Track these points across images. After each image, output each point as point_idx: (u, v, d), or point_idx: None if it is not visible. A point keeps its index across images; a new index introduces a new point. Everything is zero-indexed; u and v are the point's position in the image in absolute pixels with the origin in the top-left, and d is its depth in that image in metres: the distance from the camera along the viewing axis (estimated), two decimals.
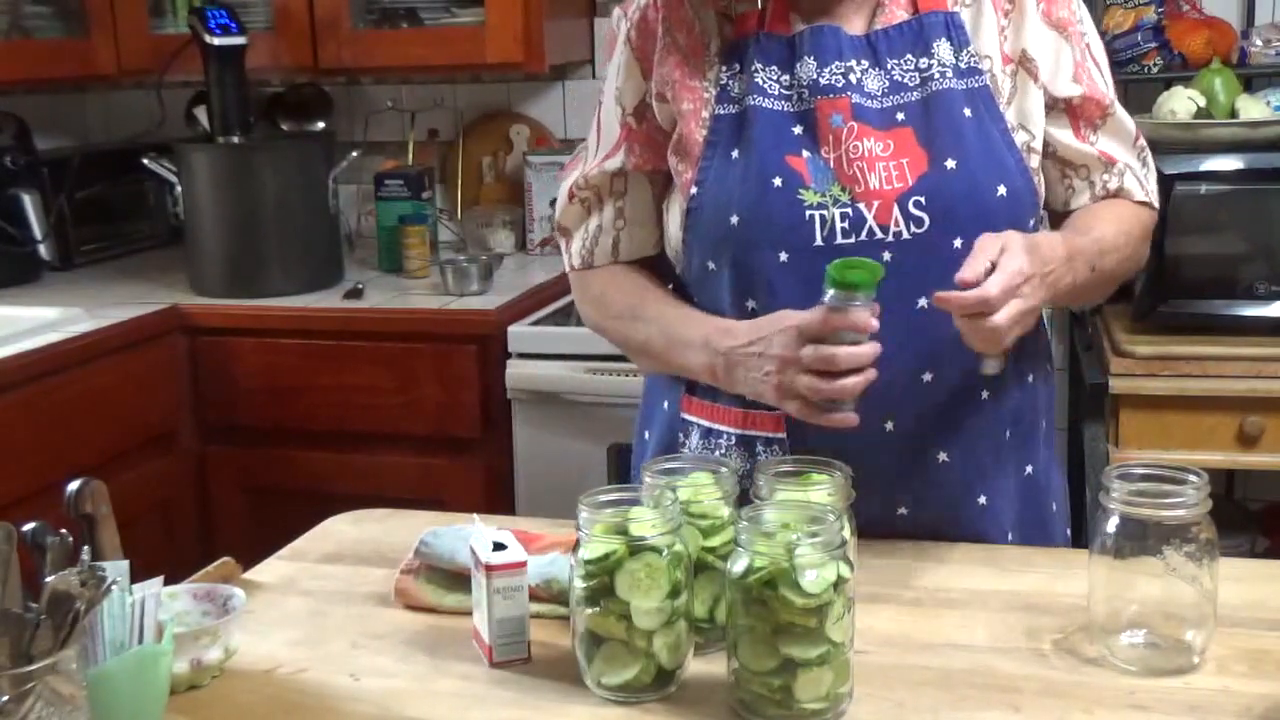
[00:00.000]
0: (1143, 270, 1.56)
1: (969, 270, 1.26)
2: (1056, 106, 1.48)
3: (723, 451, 1.48)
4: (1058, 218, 1.54)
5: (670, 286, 1.57)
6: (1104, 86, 1.51)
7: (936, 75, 1.43)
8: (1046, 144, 1.49)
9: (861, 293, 1.27)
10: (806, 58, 1.43)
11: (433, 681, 1.22)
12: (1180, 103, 2.42)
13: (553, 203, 1.63)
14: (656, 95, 1.50)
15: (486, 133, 3.36)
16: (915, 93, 1.43)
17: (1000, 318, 1.25)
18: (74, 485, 1.21)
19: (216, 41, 2.81)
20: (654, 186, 1.55)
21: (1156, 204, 1.55)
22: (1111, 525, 1.18)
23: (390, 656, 1.27)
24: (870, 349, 1.28)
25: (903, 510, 1.45)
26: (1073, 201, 1.52)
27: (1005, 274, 1.26)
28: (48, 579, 1.00)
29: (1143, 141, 1.55)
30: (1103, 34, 2.53)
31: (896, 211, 1.39)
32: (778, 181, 1.41)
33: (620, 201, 1.56)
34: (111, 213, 3.31)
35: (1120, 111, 1.52)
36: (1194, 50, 2.62)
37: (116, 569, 1.09)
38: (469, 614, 1.29)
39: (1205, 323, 2.35)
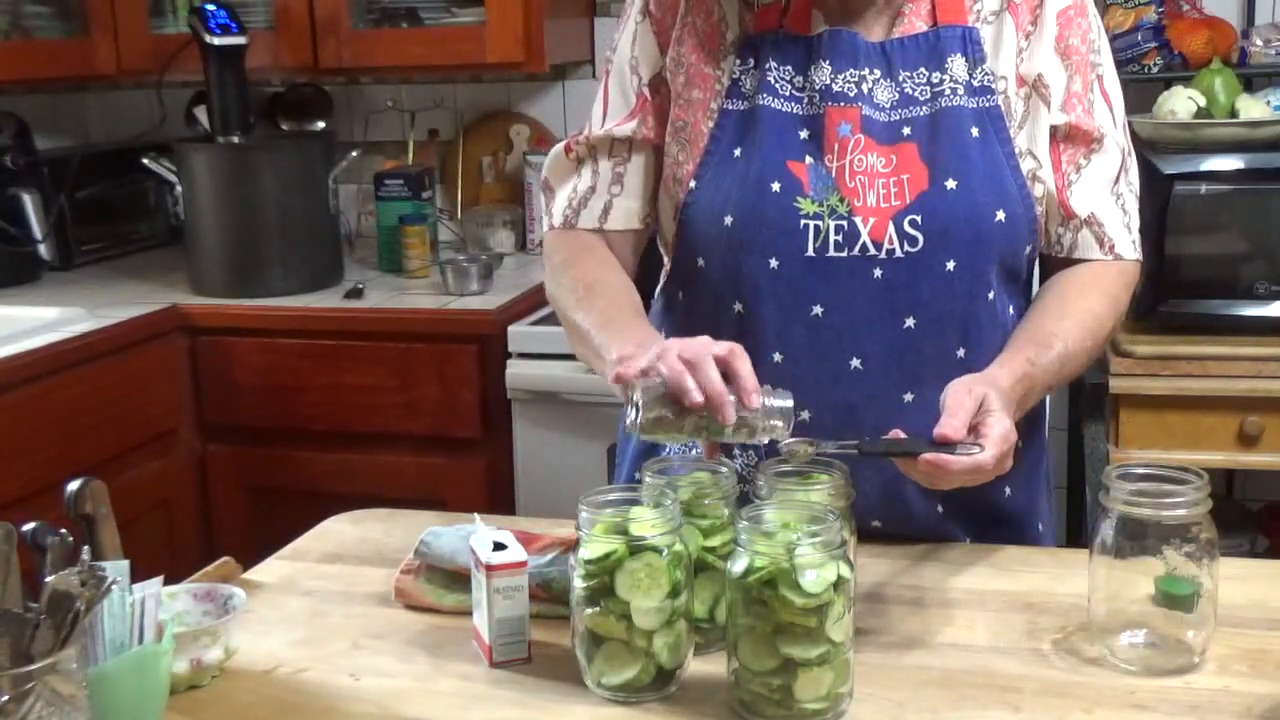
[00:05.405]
0: (1142, 270, 1.53)
1: (949, 427, 1.19)
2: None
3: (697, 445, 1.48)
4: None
5: (665, 275, 1.55)
6: (1099, 121, 1.44)
7: (948, 91, 1.39)
8: None
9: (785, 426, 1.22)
10: (822, 61, 1.40)
11: (433, 681, 1.22)
12: (1180, 103, 2.42)
13: None
14: (670, 71, 1.48)
15: (486, 133, 3.35)
16: (924, 107, 1.39)
17: (990, 473, 1.20)
18: (74, 485, 1.21)
19: (216, 41, 2.81)
20: (656, 161, 1.51)
21: (1130, 254, 1.46)
22: (1111, 525, 1.18)
23: (390, 656, 1.27)
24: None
25: (877, 523, 1.43)
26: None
27: (995, 444, 1.19)
28: (48, 579, 1.00)
29: (1126, 187, 1.46)
30: None
31: (892, 229, 1.36)
32: (776, 186, 1.38)
33: (621, 167, 1.52)
34: (111, 213, 3.31)
35: (1110, 149, 1.44)
36: (1194, 50, 2.62)
37: (116, 569, 1.09)
38: (469, 614, 1.29)
39: (1205, 323, 2.35)
